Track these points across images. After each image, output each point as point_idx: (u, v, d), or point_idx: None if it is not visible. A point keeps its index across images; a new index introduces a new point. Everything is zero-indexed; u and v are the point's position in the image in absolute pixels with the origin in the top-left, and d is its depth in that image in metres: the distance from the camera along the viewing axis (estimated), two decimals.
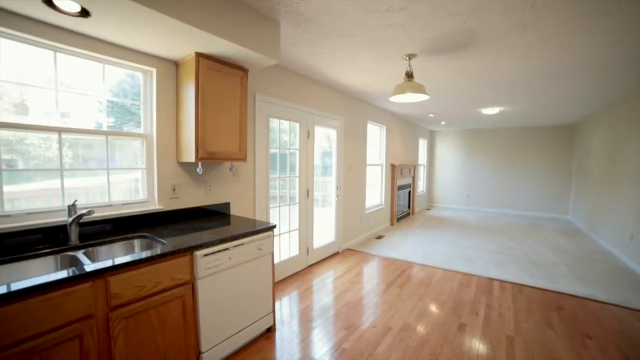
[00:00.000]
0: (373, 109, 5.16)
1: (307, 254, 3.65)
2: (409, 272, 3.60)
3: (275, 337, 2.23)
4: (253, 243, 2.01)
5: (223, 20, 1.77)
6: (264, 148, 2.96)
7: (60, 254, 1.58)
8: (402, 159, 6.69)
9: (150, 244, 1.83)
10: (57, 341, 1.20)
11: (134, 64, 1.95)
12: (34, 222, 1.59)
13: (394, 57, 2.77)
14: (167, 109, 2.13)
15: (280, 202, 3.30)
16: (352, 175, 4.58)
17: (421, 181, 8.54)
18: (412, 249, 4.52)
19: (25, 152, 1.63)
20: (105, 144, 1.91)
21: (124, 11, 1.45)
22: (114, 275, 1.36)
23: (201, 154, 2.01)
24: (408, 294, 2.98)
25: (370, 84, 3.78)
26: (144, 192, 2.10)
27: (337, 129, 4.13)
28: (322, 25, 2.16)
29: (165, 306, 1.56)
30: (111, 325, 1.36)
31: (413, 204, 7.41)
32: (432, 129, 8.51)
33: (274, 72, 3.00)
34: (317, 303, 2.78)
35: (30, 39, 1.57)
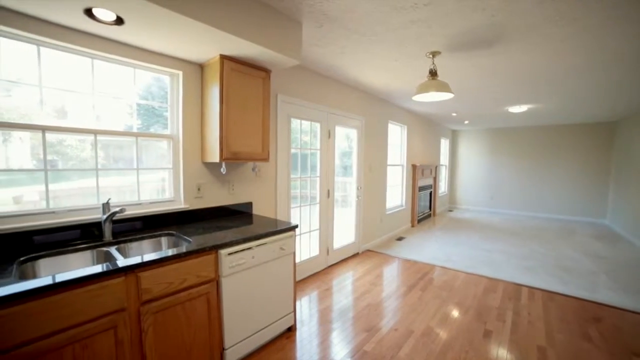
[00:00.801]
0: (394, 108, 5.08)
1: (327, 255, 3.65)
2: (431, 275, 3.52)
3: (296, 337, 2.24)
4: (275, 243, 2.03)
5: (247, 23, 1.80)
6: (286, 148, 2.99)
7: (96, 249, 1.67)
8: (423, 159, 6.55)
9: (177, 242, 1.89)
10: (96, 330, 1.27)
11: (162, 68, 2.03)
12: (73, 219, 1.69)
13: (417, 55, 2.71)
14: (192, 110, 2.19)
15: (301, 202, 3.32)
16: (372, 176, 4.53)
17: (443, 182, 8.31)
18: (434, 251, 4.41)
19: (64, 153, 1.74)
20: (133, 145, 1.99)
21: (155, 17, 1.51)
22: (145, 271, 1.41)
23: (225, 154, 2.05)
24: (430, 298, 2.91)
25: (391, 83, 3.72)
26: (170, 191, 2.18)
27: (358, 129, 4.10)
28: (345, 24, 2.15)
29: (191, 302, 1.61)
30: (142, 318, 1.42)
31: (434, 205, 7.23)
32: (454, 128, 8.27)
33: (295, 73, 3.02)
34: (337, 304, 2.77)
35: (72, 48, 1.67)
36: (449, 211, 8.05)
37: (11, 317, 1.07)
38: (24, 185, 1.63)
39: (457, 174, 8.67)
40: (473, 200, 8.35)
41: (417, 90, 2.66)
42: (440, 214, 7.62)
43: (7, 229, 1.49)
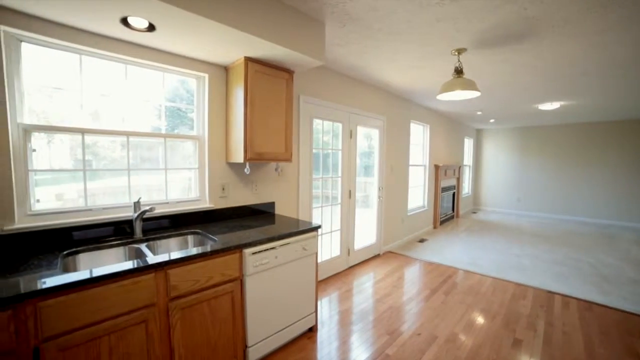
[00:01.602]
0: (417, 107, 4.98)
1: (348, 255, 3.63)
2: (455, 278, 3.41)
3: (317, 338, 2.24)
4: (298, 243, 2.04)
5: (271, 25, 1.81)
6: (308, 148, 3.00)
7: (128, 245, 1.75)
8: (446, 159, 6.37)
9: (202, 241, 1.94)
10: (129, 323, 1.33)
11: (189, 71, 2.09)
12: (107, 216, 1.78)
13: (441, 53, 2.63)
14: (217, 112, 2.25)
15: (322, 202, 3.32)
16: (394, 176, 4.46)
17: (466, 183, 8.05)
18: (458, 254, 4.27)
19: (97, 153, 1.82)
20: (159, 146, 2.06)
21: (184, 23, 1.56)
22: (173, 269, 1.46)
23: (249, 154, 2.09)
24: (454, 302, 2.81)
25: (415, 82, 3.64)
26: (196, 191, 2.24)
27: (380, 129, 4.05)
28: (368, 23, 2.12)
29: (217, 300, 1.64)
30: (170, 314, 1.47)
31: (457, 206, 7.01)
32: (479, 127, 7.97)
33: (317, 73, 3.03)
34: (358, 305, 2.75)
35: (108, 55, 1.77)
36: (473, 213, 7.78)
37: (58, 306, 1.14)
38: (64, 183, 1.73)
39: (481, 174, 8.35)
40: (498, 202, 8.02)
41: (442, 89, 2.58)
42: (463, 215, 7.38)
43: (52, 224, 1.60)
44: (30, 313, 1.10)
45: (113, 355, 1.30)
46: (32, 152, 1.59)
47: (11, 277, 1.20)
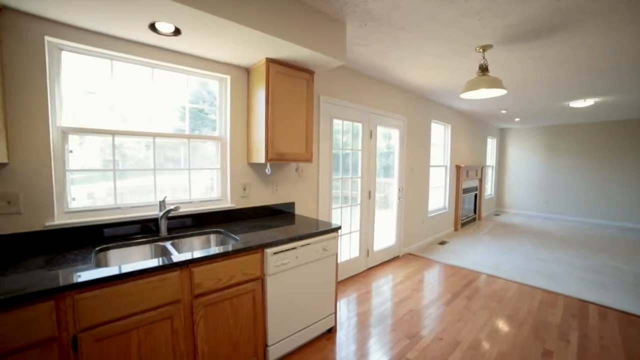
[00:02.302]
0: (438, 107, 4.86)
1: (367, 257, 3.59)
2: (477, 282, 3.30)
3: (336, 339, 2.23)
4: (319, 243, 2.04)
5: (293, 26, 1.82)
6: (328, 149, 2.99)
7: (154, 243, 1.81)
8: (468, 159, 6.18)
9: (225, 240, 1.98)
10: (156, 319, 1.38)
11: (212, 73, 2.14)
12: (135, 215, 1.85)
13: (465, 51, 2.55)
14: (239, 113, 2.28)
15: (342, 203, 3.31)
16: (414, 177, 4.37)
17: (489, 184, 7.77)
18: (480, 257, 4.13)
19: (124, 154, 1.89)
20: (181, 146, 2.10)
21: (209, 26, 1.59)
22: (197, 267, 1.50)
23: (270, 155, 2.11)
24: (478, 307, 2.72)
25: (436, 81, 3.55)
26: (218, 191, 2.29)
27: (400, 129, 3.98)
28: (390, 22, 2.09)
29: (238, 299, 1.67)
30: (194, 311, 1.50)
31: (480, 208, 6.79)
32: (503, 126, 7.68)
33: (337, 73, 3.02)
34: (377, 308, 2.71)
35: (137, 59, 1.84)
36: (496, 215, 7.50)
37: (93, 299, 1.21)
38: (94, 182, 1.81)
39: (505, 175, 8.04)
40: (524, 204, 7.69)
41: (466, 87, 2.50)
42: (486, 217, 7.13)
43: (86, 222, 1.68)
44: (69, 304, 1.16)
45: (141, 348, 1.34)
46: (69, 153, 1.68)
47: (52, 269, 1.28)
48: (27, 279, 1.18)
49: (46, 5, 1.40)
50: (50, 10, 1.43)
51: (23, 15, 1.46)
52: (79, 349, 1.18)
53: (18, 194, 1.49)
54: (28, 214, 1.52)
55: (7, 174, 1.47)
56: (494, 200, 8.07)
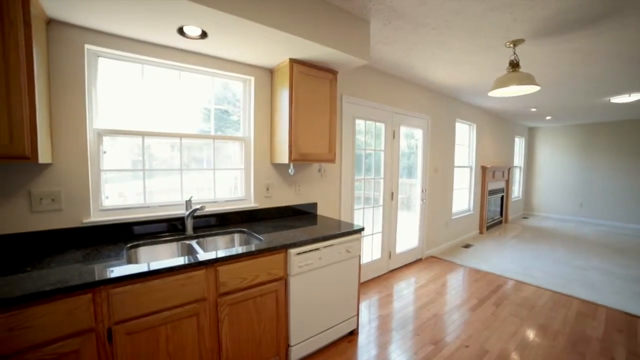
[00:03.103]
0: (463, 106, 4.70)
1: (389, 259, 3.53)
2: (505, 288, 3.15)
3: (358, 342, 2.20)
4: (342, 245, 2.02)
5: (316, 25, 1.82)
6: (350, 149, 2.97)
7: (180, 241, 1.86)
8: (494, 160, 5.93)
9: (248, 239, 2.00)
10: (183, 315, 1.41)
11: (236, 74, 2.17)
12: (162, 213, 1.91)
13: (494, 46, 2.45)
14: (262, 113, 2.31)
15: (364, 204, 3.27)
16: (438, 178, 4.25)
17: (516, 185, 7.43)
18: (508, 262, 3.95)
19: (151, 154, 1.95)
20: (205, 147, 2.14)
21: (235, 28, 1.61)
22: (222, 266, 1.52)
23: (294, 155, 2.11)
24: (506, 315, 2.60)
25: (462, 79, 3.44)
26: (242, 191, 2.32)
27: (423, 129, 3.89)
28: (415, 19, 2.04)
29: (262, 298, 1.68)
30: (219, 309, 1.53)
31: (506, 211, 6.50)
32: (532, 125, 7.32)
33: (360, 73, 2.99)
34: (399, 311, 2.66)
35: (166, 63, 1.90)
36: (524, 218, 7.16)
37: (126, 294, 1.25)
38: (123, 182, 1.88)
39: (534, 176, 7.66)
40: (555, 207, 7.28)
41: (494, 85, 2.39)
42: (513, 220, 6.82)
43: (118, 219, 1.75)
44: (104, 298, 1.21)
45: (169, 343, 1.38)
46: (103, 154, 1.76)
47: (89, 264, 1.34)
48: (68, 272, 1.24)
49: (88, 15, 1.47)
50: (91, 19, 1.51)
51: (67, 26, 1.56)
52: (114, 340, 1.23)
53: (60, 192, 1.58)
54: (68, 211, 1.61)
55: (51, 174, 1.56)
56: (522, 203, 7.71)
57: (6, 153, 1.20)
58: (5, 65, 1.18)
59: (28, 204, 1.51)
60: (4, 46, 1.18)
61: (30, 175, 1.51)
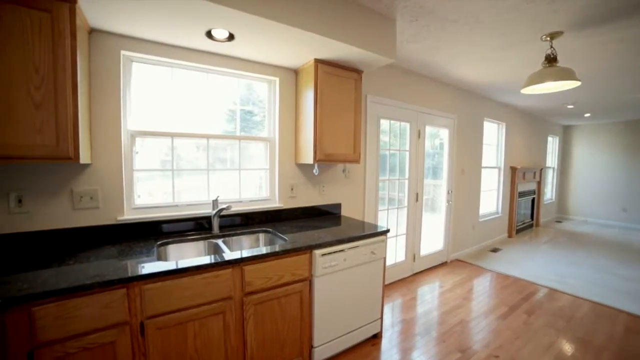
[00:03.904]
0: (491, 104, 4.51)
1: (413, 261, 3.45)
2: (538, 296, 2.98)
3: (382, 345, 2.16)
4: (367, 246, 1.99)
5: (342, 25, 1.80)
6: (374, 150, 2.93)
7: (207, 240, 1.90)
8: (524, 160, 5.64)
9: (273, 239, 2.02)
10: (209, 313, 1.44)
11: (261, 75, 2.20)
12: (190, 212, 1.96)
13: (528, 40, 2.31)
14: (287, 114, 2.32)
15: (388, 205, 3.21)
16: (464, 179, 4.10)
17: (549, 187, 7.03)
18: (540, 268, 3.73)
19: (178, 154, 2.00)
20: (228, 147, 2.17)
21: (261, 29, 1.63)
22: (248, 265, 1.53)
23: (319, 155, 2.10)
24: (540, 325, 2.45)
25: (491, 76, 3.29)
26: (266, 191, 2.34)
27: (450, 128, 3.76)
28: (443, 15, 1.97)
29: (287, 299, 1.68)
30: (244, 308, 1.54)
31: (538, 214, 6.16)
32: (567, 123, 6.89)
33: (385, 72, 2.94)
34: (424, 315, 2.58)
35: (194, 66, 1.95)
36: (557, 222, 6.75)
37: (157, 290, 1.29)
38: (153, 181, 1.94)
39: (569, 178, 7.20)
40: (593, 211, 6.80)
41: (528, 81, 2.27)
42: (545, 224, 6.45)
43: (149, 217, 1.82)
44: (137, 293, 1.26)
45: (197, 340, 1.41)
46: (135, 154, 1.84)
47: (123, 260, 1.40)
48: (105, 267, 1.30)
49: (124, 23, 1.55)
50: (127, 27, 1.58)
51: (106, 34, 1.64)
52: (145, 334, 1.28)
53: (97, 191, 1.66)
54: (104, 208, 1.69)
55: (90, 173, 1.65)
56: (555, 206, 7.27)
57: (53, 154, 1.28)
58: (54, 74, 1.27)
59: (70, 202, 1.60)
60: (54, 56, 1.26)
61: (72, 174, 1.60)
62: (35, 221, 1.53)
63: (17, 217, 1.49)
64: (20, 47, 1.20)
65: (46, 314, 1.08)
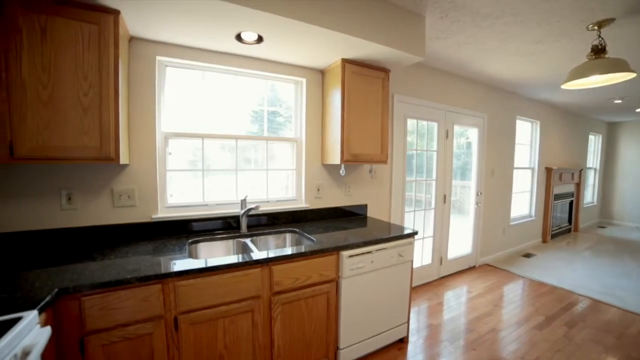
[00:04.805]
0: (524, 101, 4.27)
1: (439, 264, 3.34)
2: (579, 307, 2.78)
3: (408, 350, 2.11)
4: (395, 249, 1.95)
5: (370, 24, 1.78)
6: (401, 150, 2.87)
7: (235, 239, 1.94)
8: (561, 160, 5.30)
9: (300, 240, 2.03)
10: (239, 311, 1.47)
11: (288, 77, 2.22)
12: (219, 212, 2.01)
13: (571, 31, 2.16)
14: (313, 114, 2.33)
15: (415, 207, 3.14)
16: (495, 180, 3.92)
17: (589, 189, 6.54)
18: (581, 277, 3.48)
19: (205, 155, 2.04)
20: (252, 148, 2.19)
21: (289, 30, 1.64)
22: (277, 265, 1.55)
23: (346, 156, 2.09)
24: (585, 340, 2.27)
25: (526, 71, 3.12)
26: (293, 191, 2.36)
27: (479, 128, 3.61)
28: (475, 9, 1.89)
29: (313, 299, 1.69)
30: (272, 307, 1.56)
31: (576, 218, 5.76)
32: (612, 120, 6.38)
33: (412, 71, 2.87)
34: (452, 322, 2.49)
35: (224, 68, 2.00)
36: (600, 227, 6.27)
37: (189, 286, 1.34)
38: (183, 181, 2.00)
39: (614, 179, 6.66)
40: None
41: (571, 75, 2.12)
42: (585, 229, 6.02)
43: (181, 216, 1.89)
44: (172, 289, 1.31)
45: (226, 336, 1.45)
46: (169, 155, 1.91)
47: (157, 256, 1.47)
48: (142, 262, 1.37)
49: (160, 30, 1.62)
50: (163, 33, 1.66)
51: (143, 41, 1.73)
52: (179, 329, 1.33)
53: (134, 190, 1.75)
54: (140, 207, 1.78)
55: (128, 173, 1.74)
56: (597, 210, 6.77)
57: (97, 155, 1.38)
58: (99, 80, 1.36)
59: (111, 200, 1.70)
60: (100, 64, 1.36)
61: (113, 174, 1.70)
62: (82, 217, 1.64)
63: (67, 213, 1.61)
64: (72, 57, 1.31)
65: (93, 304, 1.15)
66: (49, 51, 1.27)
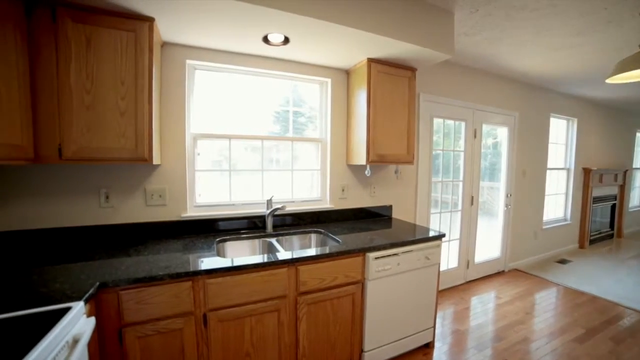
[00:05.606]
0: (559, 97, 4.03)
1: (466, 268, 3.23)
2: (627, 321, 2.56)
3: (434, 356, 2.05)
4: (422, 251, 1.90)
5: (397, 22, 1.74)
6: (427, 150, 2.80)
7: (261, 239, 1.96)
8: (601, 161, 4.95)
9: (324, 240, 2.02)
10: (265, 310, 1.48)
11: (314, 77, 2.22)
12: (245, 211, 2.05)
13: (618, 20, 2.00)
14: (339, 115, 2.32)
15: (441, 208, 3.05)
16: (526, 181, 3.73)
17: (636, 192, 6.06)
18: (626, 287, 3.23)
19: (231, 156, 2.07)
20: (274, 148, 2.20)
21: (315, 31, 1.64)
22: (303, 265, 1.55)
23: (371, 156, 2.07)
24: (633, 357, 2.09)
25: (560, 67, 2.94)
26: (317, 191, 2.36)
27: (510, 127, 3.45)
28: (508, 2, 1.80)
29: (339, 300, 1.67)
30: (298, 307, 1.57)
31: (619, 222, 5.36)
32: None
33: (438, 69, 2.79)
34: (480, 328, 2.39)
35: (250, 70, 2.04)
36: None
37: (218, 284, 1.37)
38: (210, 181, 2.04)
39: None
40: None
41: (618, 68, 1.94)
42: (630, 235, 5.58)
43: (208, 215, 1.95)
44: (201, 286, 1.34)
45: (253, 334, 1.47)
46: (197, 155, 1.97)
47: (187, 254, 1.51)
48: (173, 260, 1.42)
49: (190, 34, 1.68)
50: (192, 37, 1.71)
51: (174, 46, 1.80)
52: (208, 325, 1.36)
53: (165, 190, 1.82)
54: (171, 206, 1.85)
55: (159, 173, 1.82)
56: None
57: (133, 156, 1.45)
58: (135, 85, 1.43)
59: (144, 199, 1.78)
60: (136, 69, 1.43)
61: (145, 174, 1.78)
62: (118, 215, 1.73)
63: (105, 210, 1.70)
64: (111, 64, 1.38)
65: (130, 298, 1.21)
66: (93, 59, 1.35)
